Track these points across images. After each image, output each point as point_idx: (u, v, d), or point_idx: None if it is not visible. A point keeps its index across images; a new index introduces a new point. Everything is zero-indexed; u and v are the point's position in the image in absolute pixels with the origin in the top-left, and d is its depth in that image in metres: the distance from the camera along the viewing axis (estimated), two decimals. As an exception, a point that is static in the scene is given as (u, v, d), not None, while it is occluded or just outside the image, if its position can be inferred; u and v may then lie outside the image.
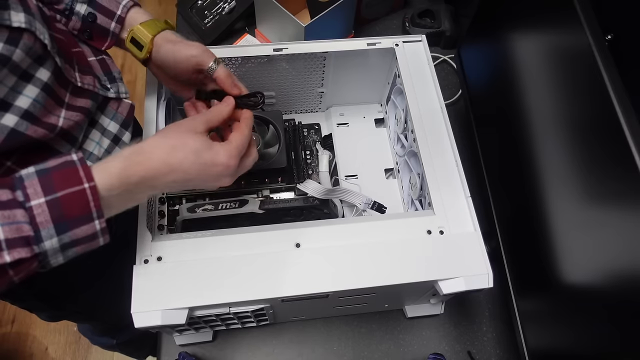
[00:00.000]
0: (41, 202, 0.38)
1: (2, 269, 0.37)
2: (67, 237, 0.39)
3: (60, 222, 0.38)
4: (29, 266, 0.39)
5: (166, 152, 0.44)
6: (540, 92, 0.57)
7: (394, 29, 1.04)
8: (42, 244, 0.38)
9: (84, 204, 0.39)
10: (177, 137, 0.45)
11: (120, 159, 0.42)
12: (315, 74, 0.75)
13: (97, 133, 0.58)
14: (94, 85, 0.55)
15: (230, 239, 0.53)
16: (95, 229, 0.40)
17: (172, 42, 0.56)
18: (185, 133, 0.46)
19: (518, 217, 0.64)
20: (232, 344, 0.71)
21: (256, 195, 0.71)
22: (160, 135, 0.46)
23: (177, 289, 0.49)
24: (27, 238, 0.38)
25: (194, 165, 0.45)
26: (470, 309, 0.76)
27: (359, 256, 0.53)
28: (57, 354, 1.43)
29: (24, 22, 0.41)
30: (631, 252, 0.41)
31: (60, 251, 0.40)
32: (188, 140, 0.45)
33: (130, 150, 0.44)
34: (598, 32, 0.47)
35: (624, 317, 0.43)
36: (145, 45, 0.55)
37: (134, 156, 0.43)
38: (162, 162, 0.44)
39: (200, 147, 0.46)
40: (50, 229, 0.38)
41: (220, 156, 0.47)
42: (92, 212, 0.40)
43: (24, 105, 0.44)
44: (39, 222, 0.38)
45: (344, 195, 0.68)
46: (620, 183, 0.43)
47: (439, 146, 0.62)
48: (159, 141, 0.45)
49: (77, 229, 0.39)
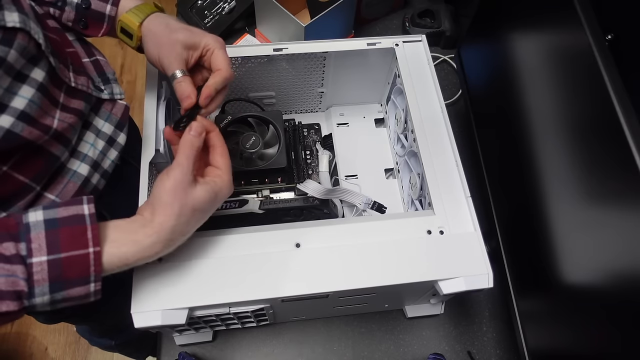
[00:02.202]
0: (42, 261, 0.38)
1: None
2: (60, 295, 0.39)
3: (56, 281, 0.38)
4: (14, 317, 0.38)
5: (180, 230, 0.44)
6: (540, 92, 0.57)
7: (394, 29, 1.04)
8: (32, 300, 0.38)
9: (84, 267, 0.39)
10: (184, 208, 0.44)
11: (138, 249, 0.42)
12: (315, 74, 0.75)
13: (92, 135, 0.57)
14: (87, 86, 0.55)
15: (230, 239, 0.53)
16: (89, 290, 0.40)
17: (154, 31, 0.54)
18: (189, 199, 0.45)
19: (518, 217, 0.64)
20: (232, 344, 0.71)
21: (256, 195, 0.71)
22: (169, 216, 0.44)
23: (177, 289, 0.49)
24: (20, 293, 0.37)
25: (205, 214, 0.47)
26: (470, 309, 0.76)
27: (359, 256, 0.52)
28: (56, 354, 1.43)
29: (19, 22, 0.41)
30: (631, 252, 0.41)
31: (49, 305, 0.40)
32: (193, 204, 0.45)
33: (150, 241, 0.43)
34: (598, 32, 0.47)
35: (624, 317, 0.43)
36: (134, 34, 0.54)
37: (152, 248, 0.43)
38: (178, 236, 0.45)
39: (207, 203, 0.46)
40: (44, 287, 0.38)
41: (223, 191, 0.48)
42: (90, 276, 0.40)
43: (19, 106, 0.44)
44: (35, 280, 0.38)
45: (344, 195, 0.68)
46: (620, 183, 0.43)
47: (439, 146, 0.62)
48: (171, 224, 0.44)
49: (71, 289, 0.39)
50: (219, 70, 0.52)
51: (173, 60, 0.51)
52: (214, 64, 0.53)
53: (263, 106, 0.78)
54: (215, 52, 0.52)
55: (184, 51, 0.52)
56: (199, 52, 0.53)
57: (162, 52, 0.52)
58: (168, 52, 0.52)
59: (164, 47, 0.52)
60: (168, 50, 0.52)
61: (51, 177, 0.53)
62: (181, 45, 0.52)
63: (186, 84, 0.51)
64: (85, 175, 0.56)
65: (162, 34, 0.52)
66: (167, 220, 0.44)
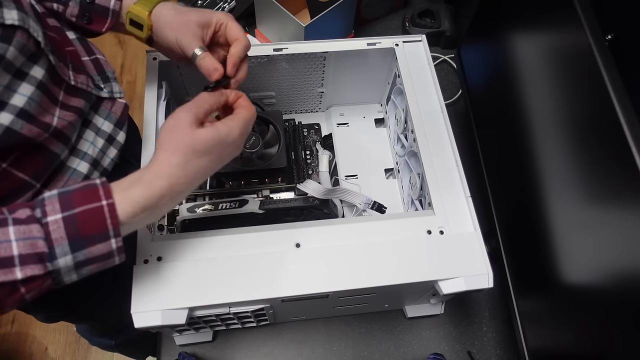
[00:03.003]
0: (57, 218, 0.38)
1: (13, 285, 0.36)
2: (82, 255, 0.39)
3: (75, 239, 0.38)
4: (42, 284, 0.38)
5: (182, 167, 0.43)
6: (540, 92, 0.57)
7: (394, 29, 1.04)
8: (55, 262, 0.38)
9: (100, 221, 0.39)
10: (182, 145, 0.44)
11: (144, 187, 0.41)
12: (315, 74, 0.75)
13: (91, 133, 0.58)
14: (87, 85, 0.55)
15: (230, 239, 0.53)
16: (111, 247, 0.40)
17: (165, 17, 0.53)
18: (186, 137, 0.44)
19: (518, 217, 0.64)
20: (232, 344, 0.71)
21: (256, 195, 0.71)
22: (166, 151, 0.44)
23: (177, 289, 0.49)
24: (41, 255, 0.37)
25: (212, 161, 0.45)
26: (470, 309, 0.76)
27: (359, 256, 0.52)
28: (56, 354, 1.43)
29: (17, 20, 0.41)
30: (631, 252, 0.41)
31: (74, 269, 0.39)
32: (193, 143, 0.44)
33: (150, 176, 0.42)
34: (598, 32, 0.47)
35: (624, 317, 0.43)
36: (144, 24, 0.54)
37: (156, 182, 0.42)
38: (183, 180, 0.43)
39: (209, 144, 0.44)
40: (64, 245, 0.38)
41: (231, 136, 0.46)
42: (108, 231, 0.39)
43: (19, 103, 0.44)
44: (53, 239, 0.37)
45: (344, 195, 0.68)
46: (620, 183, 0.43)
47: (439, 146, 0.62)
48: (171, 160, 0.43)
49: (92, 247, 0.39)
50: (237, 40, 0.52)
51: (191, 39, 0.52)
52: (230, 35, 0.53)
53: (263, 106, 0.78)
54: (229, 24, 0.53)
55: (199, 30, 0.52)
56: (212, 28, 0.53)
57: (179, 34, 0.52)
58: (185, 33, 0.52)
59: (179, 29, 0.52)
60: (184, 31, 0.52)
61: (51, 175, 0.53)
62: (195, 24, 0.52)
63: (209, 59, 0.51)
64: (85, 173, 0.56)
65: (175, 17, 0.53)
66: (166, 155, 0.43)
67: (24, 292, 0.37)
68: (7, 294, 0.36)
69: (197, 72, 0.69)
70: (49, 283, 0.39)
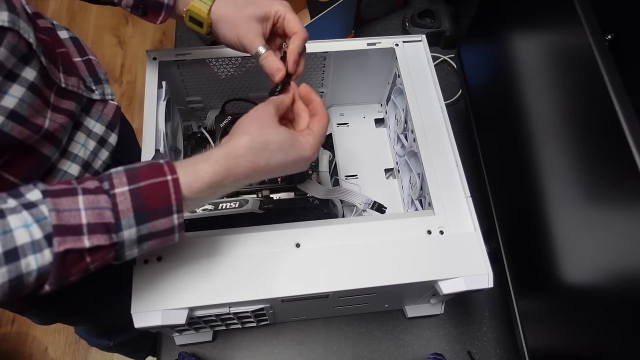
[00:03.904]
0: (124, 191, 0.38)
1: (79, 254, 0.37)
2: (146, 228, 0.39)
3: (140, 211, 0.39)
4: (105, 255, 0.39)
5: (254, 154, 0.44)
6: (541, 92, 0.57)
7: (394, 29, 1.04)
8: (120, 233, 0.38)
9: (165, 195, 0.40)
10: (261, 136, 0.44)
11: (211, 164, 0.42)
12: (315, 74, 0.75)
13: (83, 135, 0.57)
14: (78, 87, 0.55)
15: (230, 239, 0.53)
16: (173, 223, 0.41)
17: (225, 15, 0.53)
18: (267, 129, 0.45)
19: (518, 217, 0.64)
20: (232, 344, 0.71)
21: (256, 195, 0.71)
22: (245, 135, 0.44)
23: (177, 289, 0.49)
24: (108, 225, 0.38)
25: (281, 162, 0.46)
26: (470, 309, 0.76)
27: (359, 256, 0.52)
28: (56, 354, 1.43)
29: (7, 21, 0.41)
30: (631, 252, 0.41)
31: (137, 243, 0.40)
32: (272, 137, 0.45)
33: (220, 154, 0.43)
34: (598, 32, 0.47)
35: (624, 317, 0.43)
36: (204, 22, 0.53)
37: (224, 161, 0.43)
38: (250, 165, 0.44)
39: (285, 143, 0.45)
40: (130, 217, 0.38)
41: (306, 151, 0.47)
42: (172, 205, 0.40)
43: (9, 105, 0.44)
44: (120, 210, 0.38)
45: (344, 195, 0.68)
46: (620, 183, 0.43)
47: (439, 146, 0.62)
48: (246, 143, 0.44)
49: (155, 221, 0.39)
50: (296, 34, 0.52)
51: (253, 38, 0.52)
52: (289, 28, 0.52)
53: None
54: (287, 16, 0.52)
55: (259, 25, 0.52)
56: (271, 21, 0.53)
57: (240, 33, 0.52)
58: (246, 31, 0.51)
59: (240, 27, 0.52)
60: (245, 30, 0.51)
61: (41, 178, 0.53)
62: (255, 20, 0.52)
63: (272, 58, 0.52)
64: (76, 176, 0.56)
65: (234, 14, 0.52)
66: (244, 138, 0.43)
67: (89, 261, 0.38)
68: (74, 262, 0.37)
69: (197, 72, 0.70)
70: (112, 256, 0.39)
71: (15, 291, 0.35)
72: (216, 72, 0.70)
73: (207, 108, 0.78)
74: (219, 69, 0.70)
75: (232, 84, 0.74)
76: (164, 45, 1.94)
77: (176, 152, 0.72)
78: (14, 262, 0.34)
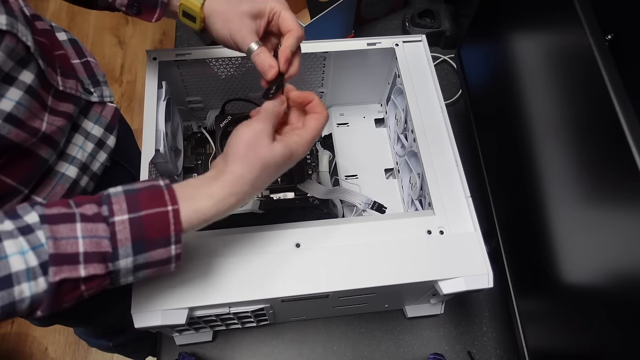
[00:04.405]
0: (124, 219, 0.38)
1: (75, 283, 0.36)
2: (142, 258, 0.39)
3: (138, 241, 0.38)
4: (101, 283, 0.38)
5: (253, 182, 0.43)
6: (540, 92, 0.57)
7: (394, 29, 1.04)
8: (117, 262, 0.38)
9: (164, 226, 0.39)
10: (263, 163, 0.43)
11: (213, 202, 0.42)
12: (315, 74, 0.75)
13: (81, 137, 0.57)
14: (76, 90, 0.54)
15: (230, 239, 0.53)
16: (170, 253, 0.40)
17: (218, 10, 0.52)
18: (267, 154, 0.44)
19: (518, 217, 0.64)
20: (232, 344, 0.71)
21: (256, 195, 0.71)
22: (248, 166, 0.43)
23: (177, 289, 0.49)
24: (105, 254, 0.37)
25: (275, 176, 0.46)
26: (470, 309, 0.76)
27: (359, 256, 0.52)
28: (56, 354, 1.43)
29: (5, 24, 0.41)
30: (631, 252, 0.41)
31: (132, 272, 0.39)
32: (271, 159, 0.44)
33: (224, 193, 0.42)
34: (598, 32, 0.47)
35: (624, 317, 0.43)
36: (197, 17, 0.52)
37: (227, 199, 0.42)
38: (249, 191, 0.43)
39: (282, 160, 0.44)
40: (127, 247, 0.38)
41: (298, 151, 0.46)
42: (170, 237, 0.39)
43: (6, 108, 0.44)
44: (118, 240, 0.37)
45: (344, 195, 0.68)
46: (620, 183, 0.43)
47: (438, 146, 0.62)
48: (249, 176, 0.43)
49: (153, 251, 0.39)
50: (290, 32, 0.50)
51: (245, 34, 0.50)
52: (283, 26, 0.51)
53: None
54: (282, 14, 0.51)
55: (253, 22, 0.51)
56: (266, 18, 0.51)
57: (233, 29, 0.50)
58: (238, 27, 0.50)
59: (232, 23, 0.50)
60: (238, 26, 0.50)
61: (39, 180, 0.52)
62: (248, 16, 0.50)
63: (265, 55, 0.50)
64: (74, 178, 0.56)
65: (227, 10, 0.51)
66: (240, 171, 0.42)
67: (84, 289, 0.37)
68: (68, 290, 0.37)
69: (197, 72, 0.70)
70: (107, 283, 0.39)
71: (6, 316, 0.35)
72: (216, 72, 0.70)
73: (207, 108, 0.78)
74: (219, 69, 0.70)
75: (232, 84, 0.74)
76: (164, 45, 1.94)
77: (176, 152, 0.72)
78: (7, 289, 0.34)
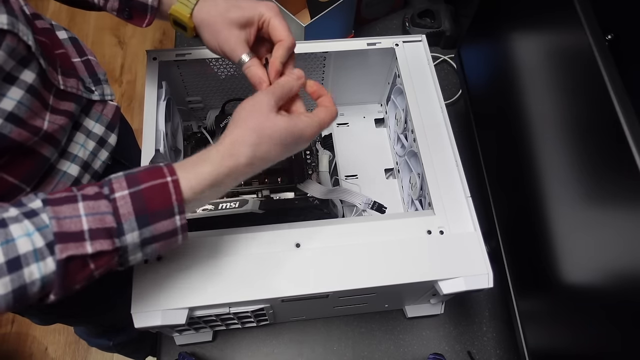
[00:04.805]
0: (124, 194, 0.38)
1: (83, 260, 0.37)
2: (148, 231, 0.39)
3: (141, 214, 0.38)
4: (109, 261, 0.38)
5: (253, 150, 0.42)
6: (540, 92, 0.57)
7: (394, 29, 1.04)
8: (123, 237, 0.38)
9: (166, 197, 0.39)
10: (259, 128, 0.43)
11: (211, 165, 0.41)
12: (315, 74, 0.75)
13: (82, 136, 0.57)
14: (77, 88, 0.54)
15: (230, 239, 0.53)
16: (176, 224, 0.40)
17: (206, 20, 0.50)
18: (266, 122, 0.43)
19: (518, 217, 0.64)
20: (232, 344, 0.71)
21: (256, 195, 0.71)
22: (243, 130, 0.43)
23: (177, 289, 0.49)
24: (110, 230, 0.37)
25: (280, 152, 0.44)
26: (470, 309, 0.76)
27: (359, 256, 0.52)
28: (56, 354, 1.43)
29: (6, 24, 0.41)
30: (631, 252, 0.41)
31: (140, 247, 0.39)
32: (271, 131, 0.43)
33: (220, 154, 0.42)
34: (598, 32, 0.47)
35: (624, 317, 0.43)
36: (187, 26, 0.50)
37: (225, 161, 0.42)
38: (250, 162, 0.43)
39: (284, 134, 0.43)
40: (132, 221, 0.38)
41: (305, 133, 0.45)
42: (173, 207, 0.39)
43: (8, 107, 0.44)
44: (121, 214, 0.38)
45: (344, 195, 0.68)
46: (620, 183, 0.43)
47: (438, 146, 0.62)
48: (245, 139, 0.42)
49: (157, 223, 0.39)
50: (280, 42, 0.49)
51: (234, 45, 0.48)
52: (273, 35, 0.49)
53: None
54: (272, 22, 0.49)
55: (242, 32, 0.49)
56: (255, 26, 0.49)
57: (221, 40, 0.49)
58: (227, 38, 0.48)
59: (220, 34, 0.49)
60: (226, 36, 0.48)
61: (41, 178, 0.53)
62: (237, 25, 0.48)
63: (255, 68, 0.49)
64: (75, 176, 0.56)
65: (215, 20, 0.49)
66: (237, 133, 0.42)
67: (93, 268, 0.37)
68: (77, 269, 0.37)
69: (197, 72, 0.70)
70: (116, 261, 0.39)
71: (19, 302, 0.35)
72: (216, 72, 0.70)
73: (207, 108, 0.78)
74: (219, 69, 0.70)
75: (232, 84, 0.74)
76: (164, 45, 1.94)
77: (176, 152, 0.72)
78: (16, 271, 0.34)
